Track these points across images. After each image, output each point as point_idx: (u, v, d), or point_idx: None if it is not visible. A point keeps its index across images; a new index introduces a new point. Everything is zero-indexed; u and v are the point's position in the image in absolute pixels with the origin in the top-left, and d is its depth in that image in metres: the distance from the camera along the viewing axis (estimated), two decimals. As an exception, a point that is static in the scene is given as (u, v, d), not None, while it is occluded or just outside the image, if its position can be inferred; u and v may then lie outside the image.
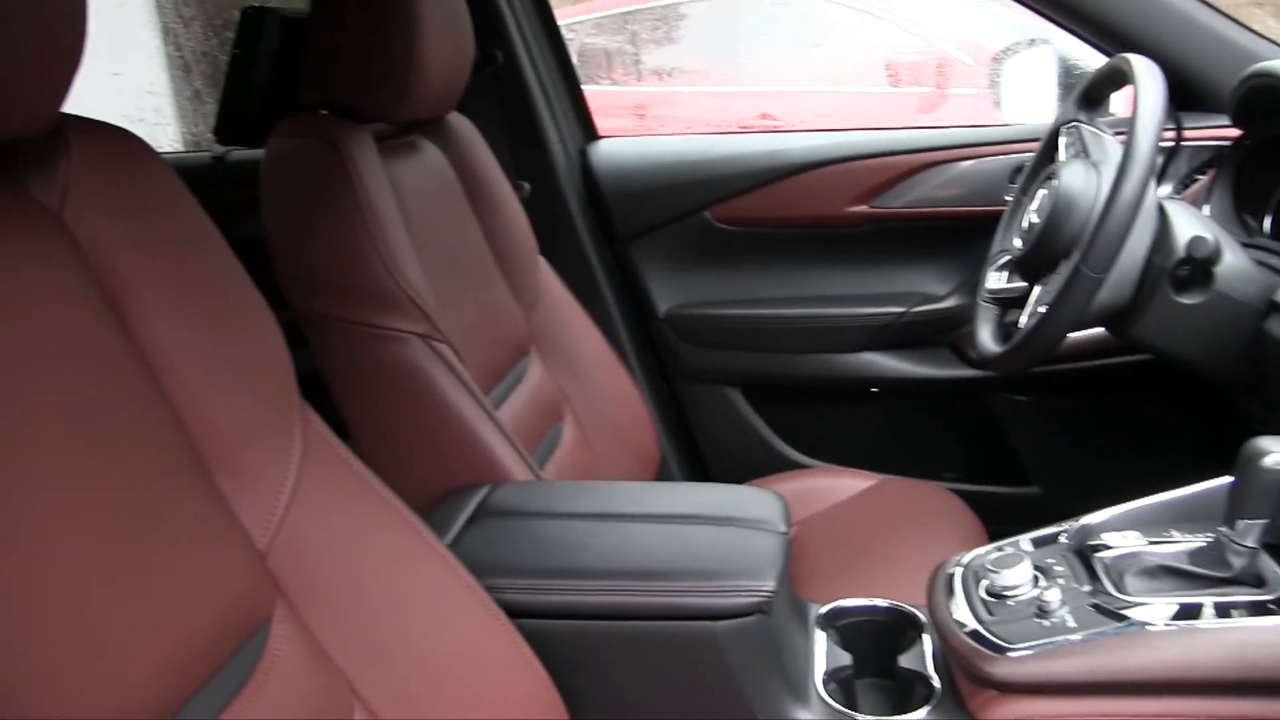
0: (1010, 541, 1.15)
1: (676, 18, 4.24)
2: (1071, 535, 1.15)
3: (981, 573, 1.11)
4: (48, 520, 0.65)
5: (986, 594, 1.08)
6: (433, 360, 1.29)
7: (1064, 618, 1.02)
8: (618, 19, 4.07)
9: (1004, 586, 1.07)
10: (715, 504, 1.18)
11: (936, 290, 2.00)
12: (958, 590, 1.11)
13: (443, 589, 0.93)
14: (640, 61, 4.15)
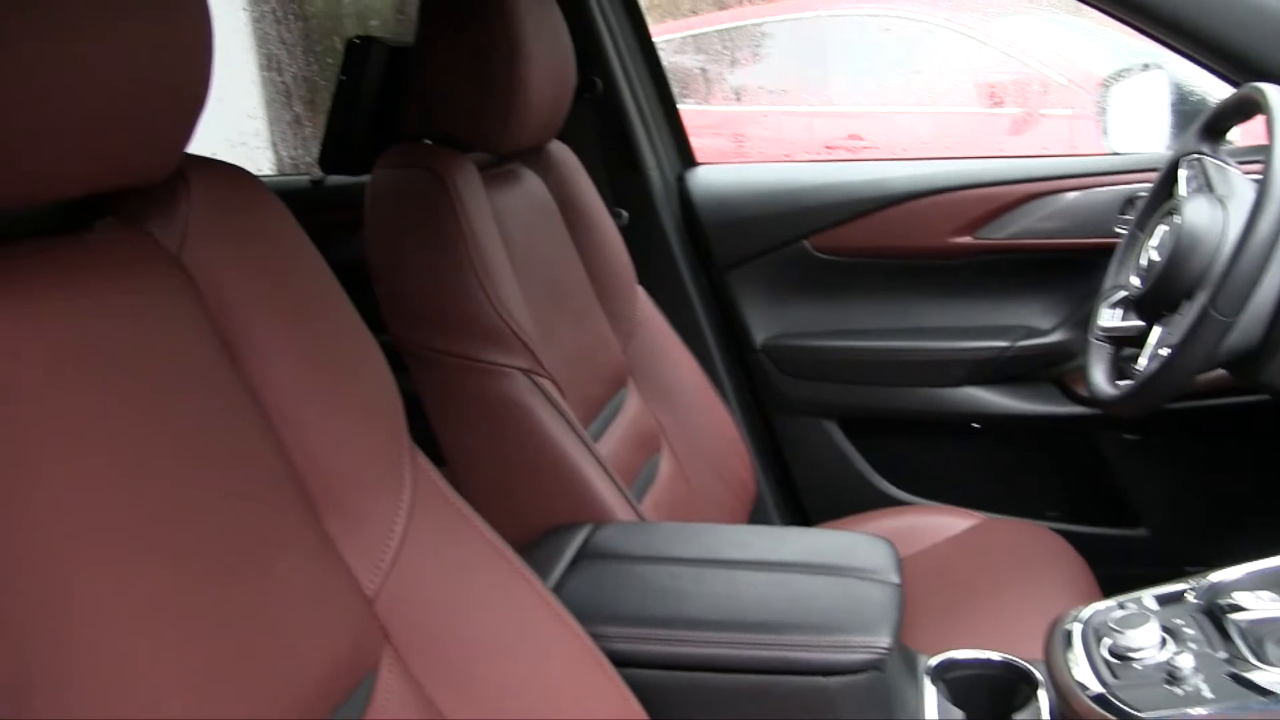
0: (1132, 597, 1.10)
1: (761, 36, 4.21)
2: (1200, 594, 1.09)
3: (1104, 630, 1.06)
4: (160, 562, 0.64)
5: (1110, 654, 1.03)
6: (535, 395, 1.27)
7: (1198, 686, 0.97)
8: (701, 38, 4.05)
9: (1129, 648, 1.02)
10: (824, 551, 1.14)
11: (1041, 324, 1.94)
12: (1078, 648, 1.06)
13: (550, 638, 0.91)
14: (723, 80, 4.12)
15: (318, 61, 2.81)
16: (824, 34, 4.32)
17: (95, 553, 0.60)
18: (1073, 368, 1.91)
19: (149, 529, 0.64)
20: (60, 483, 0.60)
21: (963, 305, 1.98)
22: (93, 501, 0.61)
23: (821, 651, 0.99)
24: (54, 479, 0.60)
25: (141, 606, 0.62)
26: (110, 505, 0.62)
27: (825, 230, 1.99)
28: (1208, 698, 0.95)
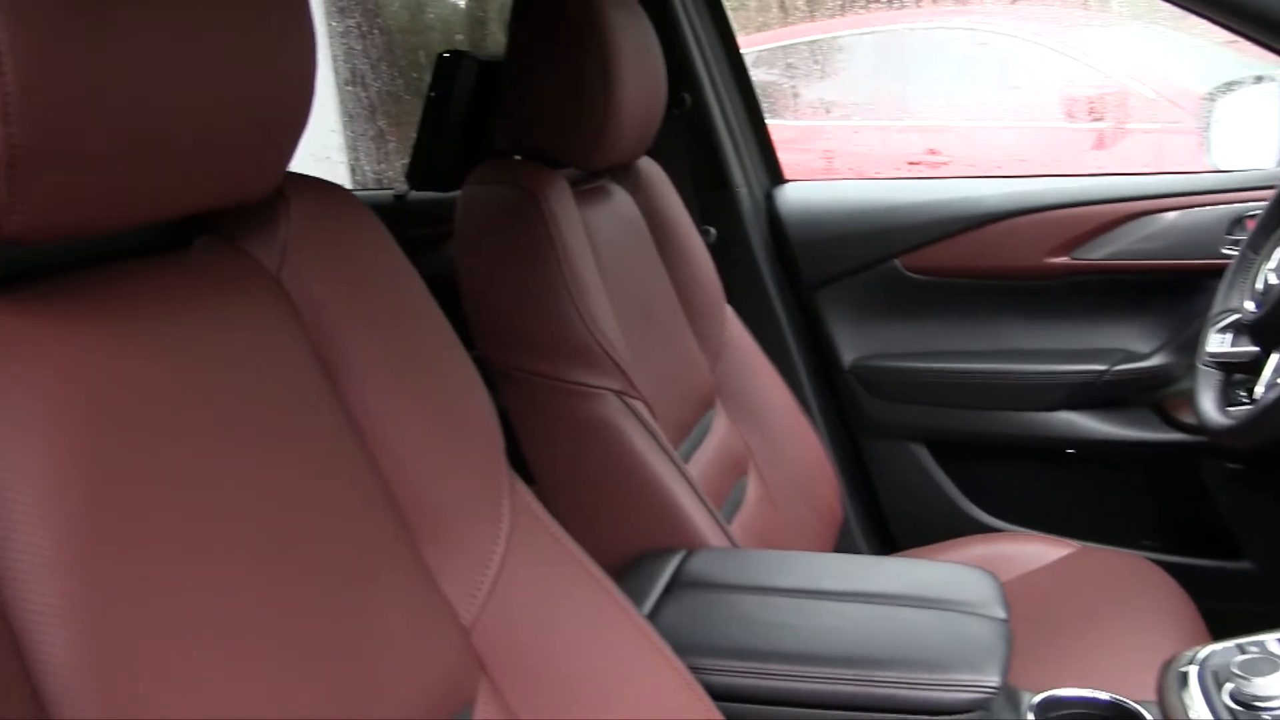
0: (1253, 640, 1.05)
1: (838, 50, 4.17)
2: (1329, 634, 1.04)
3: (1225, 675, 1.01)
4: (259, 585, 0.63)
5: (1232, 700, 0.98)
6: (627, 417, 1.25)
7: (1333, 738, 0.92)
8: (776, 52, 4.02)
9: (1255, 696, 0.97)
10: (927, 583, 1.10)
11: (1140, 348, 1.88)
12: (1195, 693, 1.01)
13: (648, 670, 0.88)
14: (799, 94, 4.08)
15: (401, 76, 2.82)
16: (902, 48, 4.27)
17: (194, 572, 0.59)
18: (1173, 393, 1.84)
19: (246, 551, 0.63)
20: (161, 503, 0.59)
21: (1057, 327, 1.93)
22: (192, 522, 0.60)
23: (927, 690, 0.95)
24: (154, 497, 0.59)
25: (240, 630, 0.61)
26: (209, 526, 0.61)
27: (917, 249, 1.94)
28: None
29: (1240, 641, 1.06)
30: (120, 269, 0.66)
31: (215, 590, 0.60)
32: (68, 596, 0.52)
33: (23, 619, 0.51)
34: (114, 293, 0.63)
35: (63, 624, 0.52)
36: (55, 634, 0.51)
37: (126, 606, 0.55)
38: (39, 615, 0.51)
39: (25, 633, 0.51)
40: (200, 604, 0.59)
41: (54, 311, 0.58)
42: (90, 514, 0.55)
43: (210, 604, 0.60)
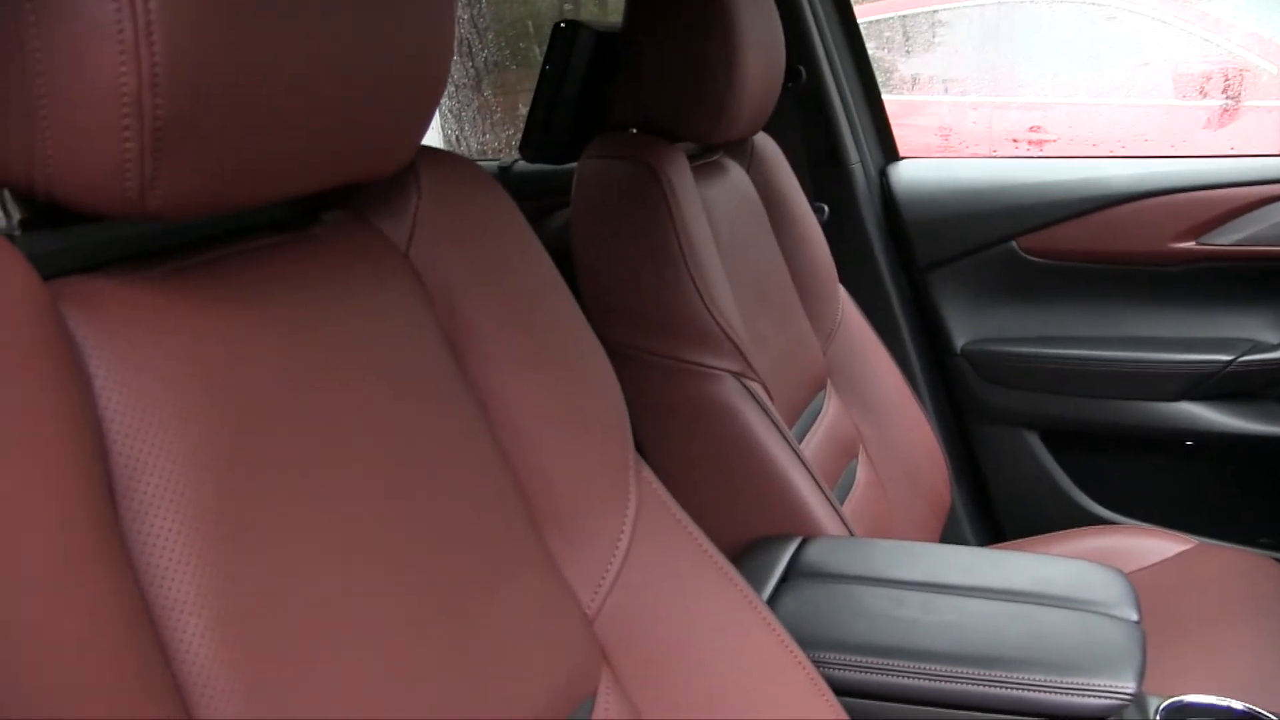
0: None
1: (937, 24, 4.07)
2: None
3: (1369, 687, 0.97)
4: (388, 571, 0.62)
5: (1378, 714, 0.94)
6: (745, 399, 1.23)
7: None
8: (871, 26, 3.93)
9: (1403, 709, 0.93)
10: (1057, 580, 1.07)
11: (1269, 339, 1.81)
12: (1338, 705, 0.97)
13: (771, 663, 0.86)
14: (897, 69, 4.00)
15: (508, 45, 2.81)
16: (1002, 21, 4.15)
17: (324, 563, 0.58)
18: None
19: (376, 541, 0.62)
20: (291, 490, 0.58)
21: (1180, 315, 1.86)
22: (322, 511, 0.59)
23: (1060, 693, 0.92)
24: (284, 486, 0.58)
25: (369, 624, 0.60)
26: (337, 507, 0.60)
27: (1035, 231, 1.89)
28: None
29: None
30: (249, 246, 0.65)
31: (346, 582, 0.59)
32: (200, 587, 0.51)
33: (157, 610, 0.50)
34: (243, 271, 0.62)
35: (195, 614, 0.51)
36: (188, 624, 0.51)
37: (257, 597, 0.54)
38: (172, 606, 0.51)
39: (161, 623, 0.50)
40: (330, 596, 0.58)
41: (185, 289, 0.57)
42: (221, 504, 0.54)
43: (340, 596, 0.59)
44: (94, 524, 0.47)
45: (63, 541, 0.45)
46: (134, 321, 0.54)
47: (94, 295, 0.54)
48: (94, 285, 0.54)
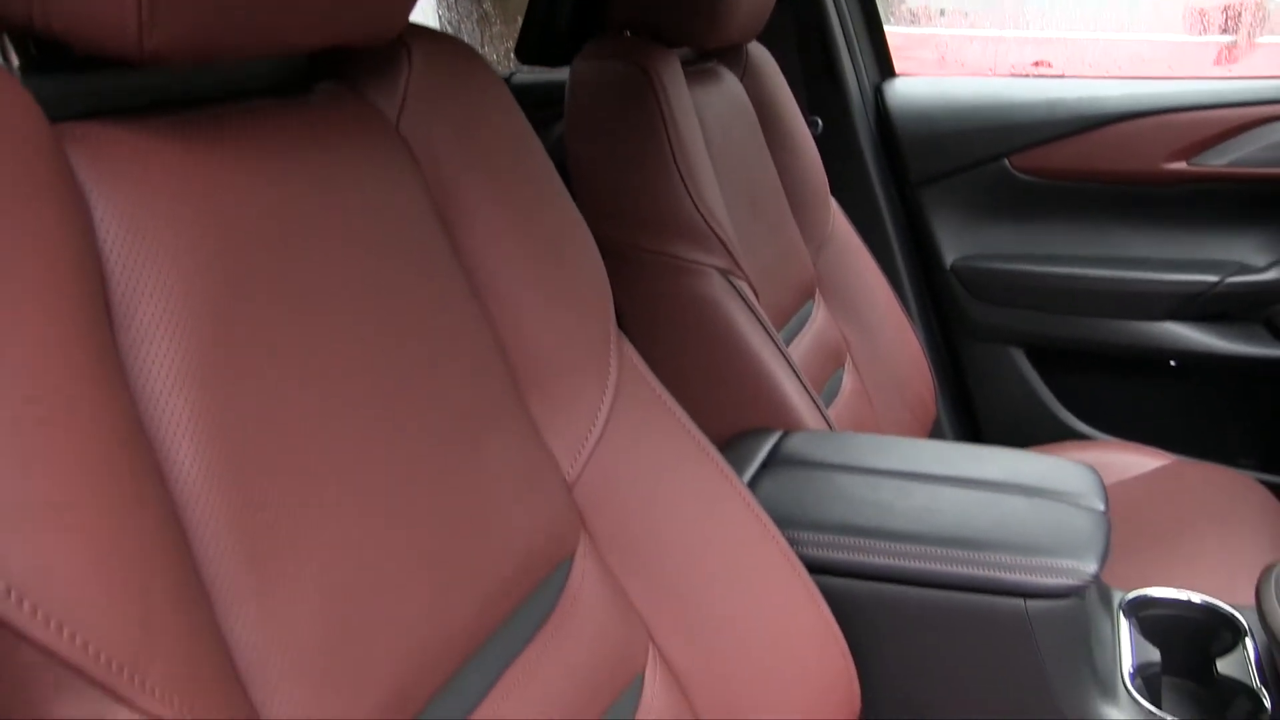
0: (1360, 547, 1.03)
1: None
2: None
3: (1327, 579, 1.00)
4: (376, 426, 0.64)
5: (1332, 604, 0.97)
6: (731, 296, 1.25)
7: None
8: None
9: (1357, 599, 0.96)
10: (1028, 473, 1.10)
11: (1256, 260, 1.83)
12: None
13: (744, 535, 0.89)
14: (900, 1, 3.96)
15: (510, -43, 2.79)
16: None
17: (312, 401, 0.61)
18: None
19: (362, 387, 0.64)
20: (283, 331, 0.60)
21: (1170, 236, 1.88)
22: (311, 355, 0.61)
23: (1024, 573, 0.95)
24: (276, 325, 0.60)
25: (356, 463, 0.62)
26: (327, 361, 0.62)
27: (1028, 149, 1.90)
28: None
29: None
30: (246, 106, 0.66)
31: (333, 421, 0.61)
32: (193, 411, 0.54)
33: (152, 433, 0.53)
34: (240, 127, 0.64)
35: (188, 437, 0.53)
36: (181, 446, 0.53)
37: (250, 423, 0.56)
38: (167, 428, 0.53)
39: (155, 445, 0.53)
40: (318, 432, 0.60)
41: (183, 139, 0.59)
42: (216, 333, 0.56)
43: (328, 434, 0.61)
44: (93, 347, 0.49)
45: (62, 361, 0.47)
46: (134, 164, 0.56)
47: (96, 138, 0.55)
48: (96, 129, 0.56)
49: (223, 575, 0.53)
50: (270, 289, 0.60)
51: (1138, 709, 0.99)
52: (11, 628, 0.42)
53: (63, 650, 0.43)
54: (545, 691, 0.72)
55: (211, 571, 0.53)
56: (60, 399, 0.47)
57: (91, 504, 0.46)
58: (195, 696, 0.48)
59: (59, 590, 0.44)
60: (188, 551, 0.52)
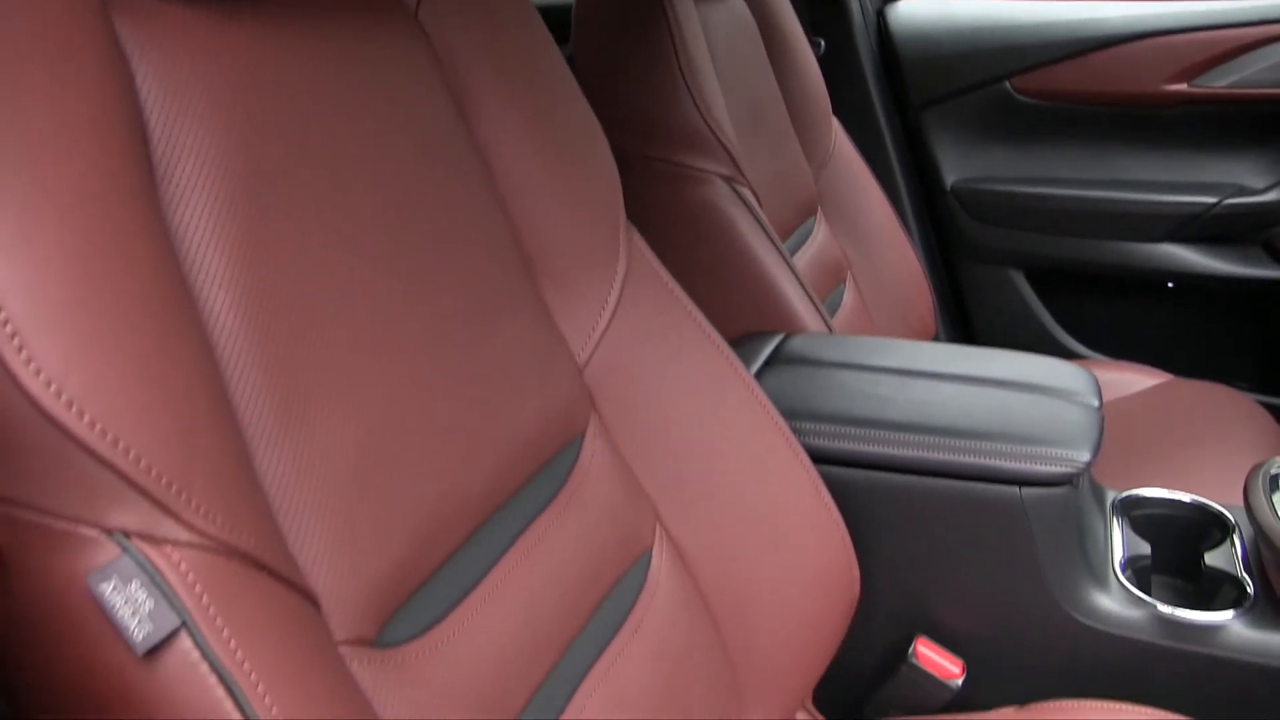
0: (1347, 447, 1.06)
1: None
2: None
3: (1314, 476, 1.03)
4: (398, 293, 0.67)
5: (1320, 499, 1.00)
6: (734, 203, 1.27)
7: None
8: None
9: (1345, 495, 0.99)
10: (1026, 371, 1.12)
11: (1254, 183, 1.84)
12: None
13: (751, 424, 0.92)
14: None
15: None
16: None
17: (341, 263, 0.63)
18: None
19: (387, 259, 0.67)
20: (306, 191, 0.62)
21: (1169, 158, 1.89)
22: (335, 215, 0.64)
23: (1019, 461, 0.98)
24: (301, 186, 0.62)
25: (384, 329, 0.65)
26: (350, 224, 0.65)
27: (1029, 71, 1.91)
28: None
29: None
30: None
31: (360, 286, 0.64)
32: (230, 265, 0.56)
33: (191, 283, 0.55)
34: (273, 8, 0.66)
35: (225, 289, 0.56)
36: (219, 297, 0.56)
37: (282, 280, 0.59)
38: (205, 281, 0.55)
39: (195, 295, 0.55)
40: (346, 295, 0.63)
41: (221, 14, 0.61)
42: (251, 193, 0.58)
43: (355, 297, 0.63)
44: (136, 197, 0.52)
45: (108, 207, 0.50)
46: (173, 33, 0.58)
47: (140, 8, 0.58)
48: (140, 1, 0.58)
49: (257, 418, 0.56)
50: (300, 159, 0.63)
51: (1128, 596, 1.02)
52: (76, 439, 0.45)
53: (116, 460, 0.46)
54: (558, 559, 0.75)
55: (245, 413, 0.55)
56: (108, 239, 0.49)
57: (139, 332, 0.49)
58: (235, 518, 0.50)
59: (112, 405, 0.47)
60: (225, 392, 0.54)
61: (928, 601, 1.05)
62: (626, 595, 0.81)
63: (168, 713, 0.47)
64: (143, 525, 0.47)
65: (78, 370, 0.46)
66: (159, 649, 0.47)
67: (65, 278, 0.47)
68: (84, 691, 0.48)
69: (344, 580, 0.58)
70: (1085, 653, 1.01)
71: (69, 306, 0.47)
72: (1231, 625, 0.99)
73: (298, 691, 0.50)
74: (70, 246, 0.47)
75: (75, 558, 0.47)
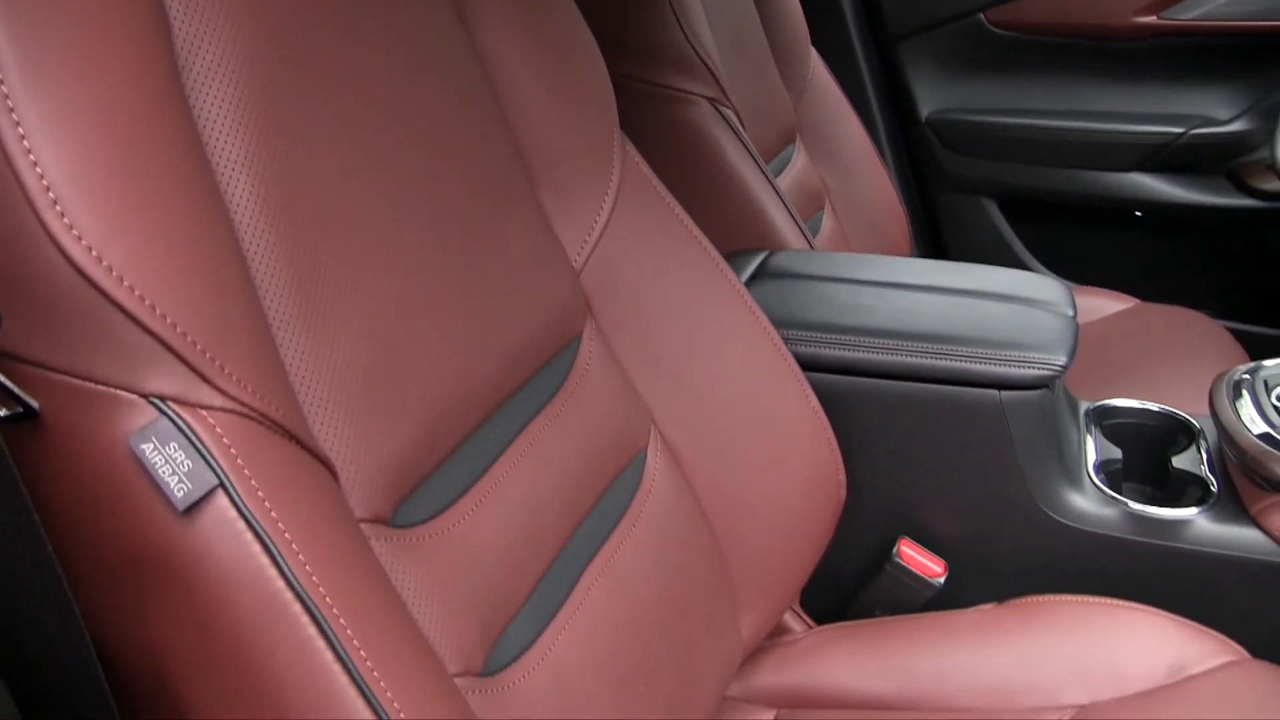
0: (1307, 356, 1.10)
1: None
2: (1374, 356, 1.09)
3: (1275, 381, 1.07)
4: (404, 191, 0.69)
5: (1279, 401, 1.05)
6: (719, 124, 1.29)
7: (1370, 427, 0.98)
8: None
9: (1305, 397, 1.03)
10: (1004, 283, 1.16)
11: (1220, 113, 1.87)
12: (1246, 396, 1.07)
13: (743, 330, 0.95)
14: None
15: None
16: None
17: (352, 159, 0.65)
18: (1249, 161, 1.85)
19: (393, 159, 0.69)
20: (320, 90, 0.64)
21: (1138, 89, 1.92)
22: (345, 117, 0.66)
23: (998, 365, 1.01)
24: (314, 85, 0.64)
25: (392, 222, 0.67)
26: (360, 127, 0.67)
27: (1003, 4, 1.93)
28: (1379, 436, 0.97)
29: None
30: None
31: (372, 180, 0.66)
32: (250, 150, 0.58)
33: (213, 169, 0.57)
34: None
35: (245, 173, 0.58)
36: (240, 182, 0.58)
37: (300, 170, 0.61)
38: (227, 165, 0.57)
39: (219, 183, 0.57)
40: (359, 188, 0.65)
41: None
42: (269, 83, 0.60)
43: (368, 191, 0.66)
44: (162, 83, 0.53)
45: (137, 92, 0.51)
46: None
47: None
48: None
49: (277, 302, 0.58)
50: (313, 58, 0.64)
51: (1101, 496, 1.07)
52: (117, 304, 0.48)
53: (155, 326, 0.48)
54: (559, 454, 0.78)
55: (266, 297, 0.58)
56: (137, 122, 0.51)
57: (173, 210, 0.51)
58: (265, 387, 0.53)
59: (151, 275, 0.49)
60: (250, 274, 0.56)
61: (911, 504, 1.09)
62: (624, 491, 0.84)
63: (207, 569, 0.50)
64: (179, 390, 0.50)
65: (119, 241, 0.48)
66: (197, 507, 0.49)
67: (105, 158, 0.49)
68: (126, 552, 0.50)
69: (360, 461, 0.61)
70: (1060, 550, 1.06)
71: (110, 183, 0.49)
72: (1197, 520, 1.03)
73: (329, 551, 0.53)
74: (108, 128, 0.49)
75: (115, 421, 0.49)
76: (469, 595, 0.66)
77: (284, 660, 0.50)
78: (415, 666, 0.54)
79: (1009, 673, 0.94)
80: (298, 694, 0.50)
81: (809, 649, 1.00)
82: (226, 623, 0.50)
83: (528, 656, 0.69)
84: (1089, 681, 0.91)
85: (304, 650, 0.50)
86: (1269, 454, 1.00)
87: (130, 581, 0.51)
